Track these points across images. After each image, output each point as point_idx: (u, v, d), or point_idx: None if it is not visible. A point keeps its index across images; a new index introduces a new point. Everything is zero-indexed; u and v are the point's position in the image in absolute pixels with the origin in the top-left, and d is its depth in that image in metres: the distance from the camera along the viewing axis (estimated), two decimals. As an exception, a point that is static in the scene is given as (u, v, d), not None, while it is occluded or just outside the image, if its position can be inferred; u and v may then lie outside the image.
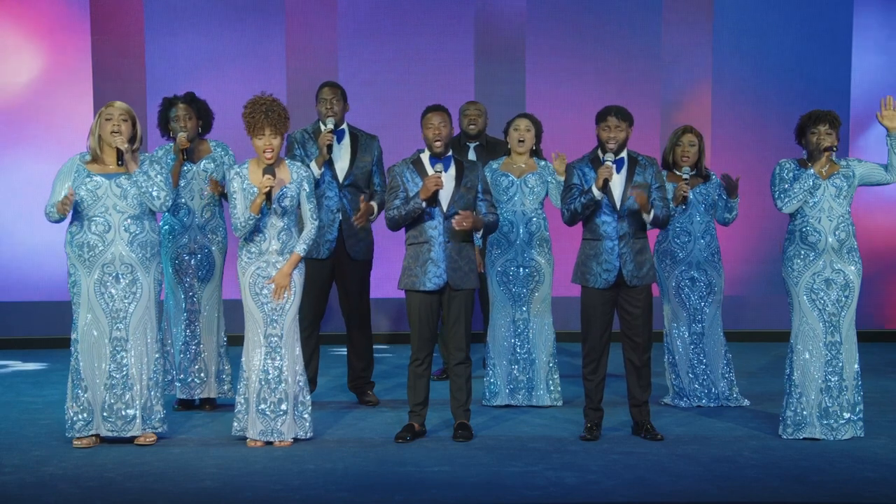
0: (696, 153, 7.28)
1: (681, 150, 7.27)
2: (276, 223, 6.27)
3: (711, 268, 7.34)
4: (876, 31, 10.31)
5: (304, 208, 6.35)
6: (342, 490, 5.50)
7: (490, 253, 7.37)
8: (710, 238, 7.36)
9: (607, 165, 6.32)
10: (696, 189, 7.30)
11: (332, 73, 9.60)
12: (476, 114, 8.25)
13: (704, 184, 7.33)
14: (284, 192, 6.26)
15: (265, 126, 6.20)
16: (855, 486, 5.58)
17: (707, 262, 7.33)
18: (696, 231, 7.32)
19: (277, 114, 6.22)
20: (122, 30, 9.87)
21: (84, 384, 6.24)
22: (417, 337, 6.42)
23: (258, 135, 6.21)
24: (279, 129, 6.22)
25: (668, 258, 7.34)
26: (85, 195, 6.19)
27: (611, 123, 6.40)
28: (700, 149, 7.30)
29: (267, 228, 6.27)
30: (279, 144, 6.26)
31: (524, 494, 5.44)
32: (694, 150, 7.27)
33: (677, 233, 7.32)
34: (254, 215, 6.21)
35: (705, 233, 7.33)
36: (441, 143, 6.43)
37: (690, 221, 7.31)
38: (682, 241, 7.32)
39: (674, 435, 6.57)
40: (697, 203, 7.30)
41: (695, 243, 7.32)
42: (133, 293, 6.25)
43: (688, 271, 7.32)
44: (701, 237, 7.32)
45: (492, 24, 10.12)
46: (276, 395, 6.28)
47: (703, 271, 7.32)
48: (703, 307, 7.34)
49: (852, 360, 6.45)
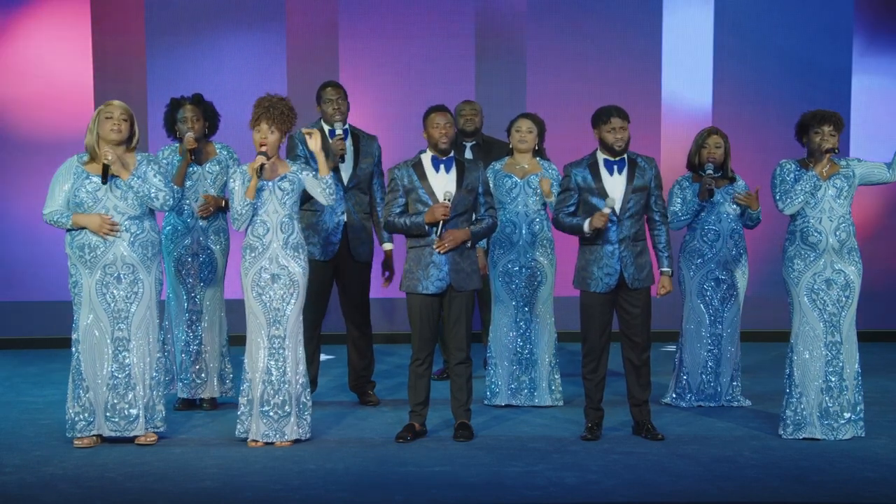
0: (722, 154, 7.26)
1: (707, 152, 7.25)
2: (279, 210, 6.27)
3: (737, 268, 7.33)
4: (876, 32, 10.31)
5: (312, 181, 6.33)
6: (342, 490, 5.50)
7: (492, 253, 7.37)
8: (738, 238, 7.33)
9: (605, 214, 6.31)
10: (722, 189, 7.29)
11: (332, 73, 9.59)
12: (472, 113, 8.24)
13: (731, 185, 7.31)
14: (285, 177, 6.29)
15: (262, 120, 6.24)
16: (855, 486, 5.58)
17: (734, 261, 7.31)
18: (725, 231, 7.30)
19: (280, 111, 6.25)
20: (122, 30, 9.86)
21: (86, 384, 6.25)
22: (418, 337, 6.42)
23: (255, 127, 6.26)
24: (278, 124, 6.24)
25: (696, 256, 7.33)
26: (85, 196, 6.19)
27: (615, 124, 6.38)
28: (726, 150, 7.28)
29: (268, 220, 6.27)
30: (276, 140, 6.27)
31: (525, 494, 5.45)
32: (720, 151, 7.25)
33: (706, 232, 7.31)
34: (249, 200, 6.21)
35: (734, 232, 7.31)
36: (447, 141, 6.44)
37: (719, 221, 7.29)
38: (710, 240, 7.30)
39: (674, 435, 6.57)
40: (725, 204, 7.29)
41: (723, 243, 7.30)
42: (135, 293, 6.25)
43: (714, 271, 7.30)
44: (730, 236, 7.31)
45: (492, 24, 10.11)
46: (280, 397, 6.28)
47: (729, 272, 7.30)
48: (725, 308, 7.32)
49: (853, 360, 6.45)
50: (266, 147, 6.24)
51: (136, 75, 9.79)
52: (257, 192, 6.24)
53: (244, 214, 6.25)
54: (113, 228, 6.17)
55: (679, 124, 9.97)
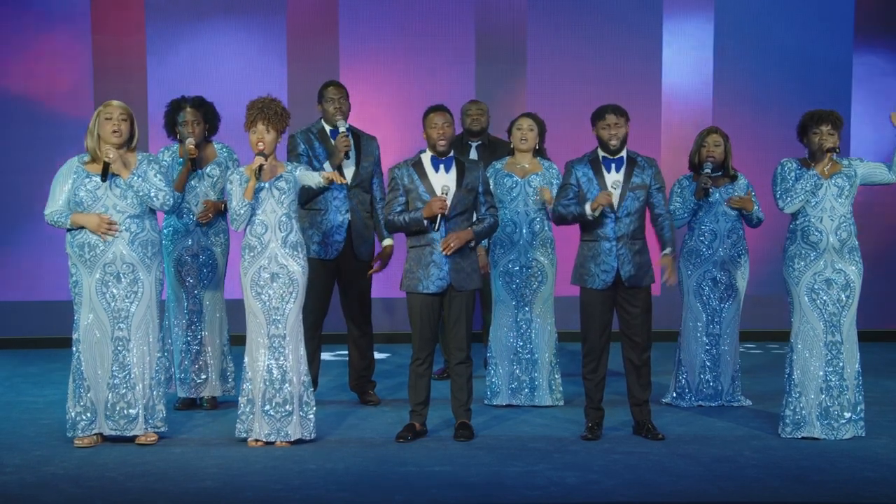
0: (721, 153, 7.26)
1: (706, 151, 7.25)
2: (277, 210, 6.27)
3: (735, 268, 7.32)
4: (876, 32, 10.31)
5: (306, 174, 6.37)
6: (343, 490, 5.50)
7: (493, 253, 7.37)
8: (737, 238, 7.33)
9: (609, 192, 6.31)
10: (722, 188, 7.29)
11: (332, 73, 9.60)
12: (478, 113, 8.25)
13: (731, 184, 7.31)
14: (281, 176, 6.30)
15: (257, 120, 6.26)
16: (856, 485, 5.58)
17: (732, 261, 7.31)
18: (722, 231, 7.30)
19: (274, 111, 6.27)
20: (122, 30, 9.87)
21: (86, 384, 6.25)
22: (419, 337, 6.42)
23: (251, 129, 6.28)
24: (273, 124, 6.26)
25: (693, 256, 7.32)
26: (84, 196, 6.19)
27: (609, 121, 6.41)
28: (726, 149, 7.28)
29: (266, 220, 6.27)
30: (272, 140, 6.29)
31: (525, 494, 5.44)
32: (719, 150, 7.26)
33: (703, 232, 7.31)
34: (247, 201, 6.22)
35: (731, 232, 7.31)
36: (445, 142, 6.44)
37: (717, 220, 7.29)
38: (707, 240, 7.30)
39: (674, 434, 6.57)
40: (722, 203, 7.28)
41: (720, 242, 7.30)
42: (134, 293, 6.25)
43: (711, 271, 7.30)
44: (727, 236, 7.30)
45: (493, 24, 10.11)
46: (281, 396, 6.28)
47: (727, 272, 7.30)
48: (723, 308, 7.32)
49: (853, 360, 6.45)
50: (264, 146, 6.25)
51: (136, 75, 9.80)
52: (255, 193, 6.24)
53: (243, 215, 6.25)
54: (111, 228, 6.17)
55: (679, 124, 9.98)
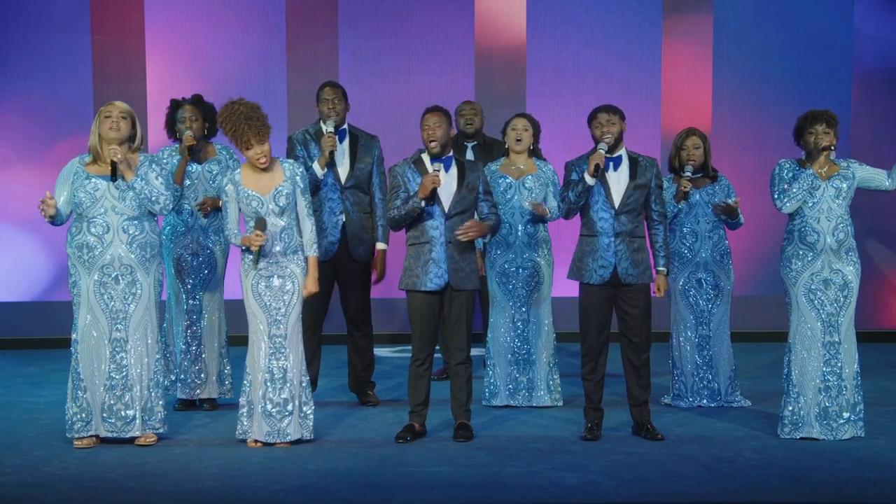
0: (701, 155, 7.27)
1: (686, 154, 7.26)
2: (277, 223, 6.27)
3: (719, 269, 7.33)
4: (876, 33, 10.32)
5: (301, 205, 6.34)
6: (342, 490, 5.50)
7: (490, 253, 7.38)
8: (719, 238, 7.34)
9: (599, 153, 6.33)
10: (703, 189, 7.30)
11: (332, 73, 9.60)
12: (472, 113, 8.25)
13: (712, 184, 7.32)
14: (280, 190, 6.26)
15: (251, 138, 6.18)
16: (856, 486, 5.58)
17: (715, 262, 7.32)
18: (703, 232, 7.30)
19: (258, 121, 6.18)
20: (122, 30, 9.87)
21: (84, 385, 6.25)
22: (418, 337, 6.42)
23: (246, 147, 6.20)
24: (264, 135, 6.21)
25: (676, 259, 7.33)
26: (83, 197, 6.19)
27: (602, 119, 6.43)
28: (706, 150, 7.30)
29: (268, 230, 6.27)
30: (269, 148, 6.24)
31: (525, 495, 5.44)
32: (699, 152, 7.26)
33: (684, 234, 7.31)
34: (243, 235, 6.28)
35: (713, 233, 7.32)
36: (435, 143, 6.42)
37: (697, 222, 7.30)
38: (689, 242, 7.31)
39: (674, 435, 6.57)
40: (705, 204, 7.29)
41: (702, 244, 7.31)
42: (133, 294, 6.25)
43: (695, 273, 7.31)
44: (708, 237, 7.31)
45: (492, 24, 10.12)
46: (282, 396, 6.28)
47: (711, 272, 7.31)
48: (711, 309, 7.33)
49: (852, 360, 6.45)
50: (265, 159, 6.22)
51: (136, 75, 9.80)
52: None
53: (238, 235, 6.28)
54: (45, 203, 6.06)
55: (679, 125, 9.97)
